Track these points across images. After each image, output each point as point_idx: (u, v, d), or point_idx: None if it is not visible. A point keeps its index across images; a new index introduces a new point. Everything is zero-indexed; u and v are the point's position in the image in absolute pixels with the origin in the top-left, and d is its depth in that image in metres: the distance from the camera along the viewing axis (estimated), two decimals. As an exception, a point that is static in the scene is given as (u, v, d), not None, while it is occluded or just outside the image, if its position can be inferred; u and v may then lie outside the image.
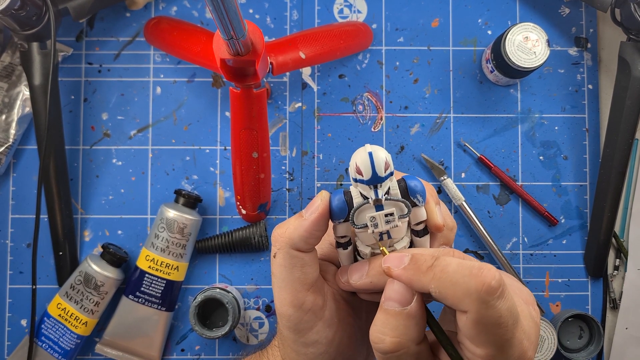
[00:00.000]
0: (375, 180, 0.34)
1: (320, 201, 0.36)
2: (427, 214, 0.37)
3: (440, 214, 0.38)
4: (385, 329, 0.33)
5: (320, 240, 0.37)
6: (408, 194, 0.35)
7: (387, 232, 0.36)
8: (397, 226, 0.35)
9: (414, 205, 0.36)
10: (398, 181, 0.36)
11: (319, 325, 0.39)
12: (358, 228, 0.36)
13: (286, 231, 0.37)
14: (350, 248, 0.38)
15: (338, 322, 0.40)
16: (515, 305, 0.32)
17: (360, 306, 0.43)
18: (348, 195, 0.36)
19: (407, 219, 0.36)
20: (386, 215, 0.35)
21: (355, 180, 0.34)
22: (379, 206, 0.35)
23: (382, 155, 0.33)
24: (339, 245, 0.38)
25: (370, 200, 0.34)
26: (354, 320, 0.42)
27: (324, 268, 0.41)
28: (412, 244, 0.38)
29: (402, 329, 0.33)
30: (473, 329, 0.31)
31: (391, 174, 0.35)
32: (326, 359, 0.40)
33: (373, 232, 0.35)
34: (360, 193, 0.35)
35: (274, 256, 0.37)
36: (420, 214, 0.36)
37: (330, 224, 0.38)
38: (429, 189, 0.40)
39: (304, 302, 0.37)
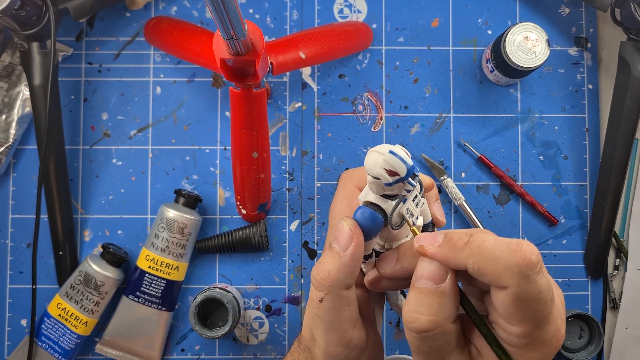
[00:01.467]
0: (411, 171, 0.33)
1: (350, 230, 0.34)
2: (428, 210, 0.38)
3: (440, 210, 0.39)
4: (420, 308, 0.33)
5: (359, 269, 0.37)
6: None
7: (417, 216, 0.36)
8: (424, 203, 0.35)
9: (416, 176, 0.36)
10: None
11: (362, 357, 0.38)
12: (397, 228, 0.35)
13: (330, 274, 0.35)
14: (374, 256, 0.38)
15: (378, 349, 0.40)
16: (551, 282, 0.32)
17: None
18: (376, 206, 0.34)
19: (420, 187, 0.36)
20: (414, 200, 0.35)
21: (390, 184, 0.33)
22: (403, 198, 0.34)
23: (399, 147, 0.33)
24: (366, 257, 0.38)
25: (416, 190, 0.34)
26: (382, 344, 0.42)
27: (357, 280, 0.41)
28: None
29: (437, 307, 0.32)
30: (512, 305, 0.31)
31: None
32: None
33: (414, 223, 0.35)
34: (386, 196, 0.34)
35: (320, 301, 0.36)
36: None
37: None
38: (431, 183, 0.41)
39: (351, 340, 0.37)
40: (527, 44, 0.62)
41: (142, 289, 0.65)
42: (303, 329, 0.40)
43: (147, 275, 0.64)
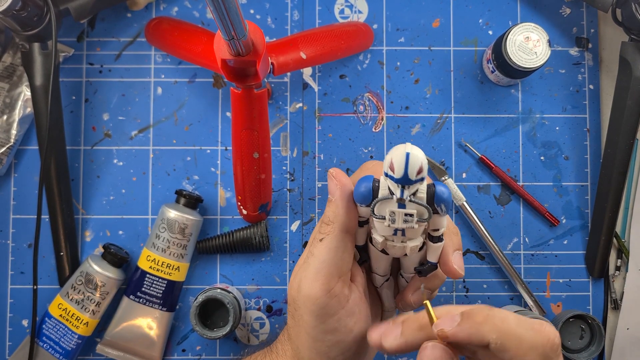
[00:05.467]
0: (404, 182, 0.34)
1: (332, 177, 0.39)
2: (444, 256, 0.39)
3: (458, 262, 0.39)
4: None
5: (357, 219, 0.40)
6: (433, 200, 0.36)
7: (403, 230, 0.37)
8: (413, 227, 0.36)
9: (436, 212, 0.36)
10: (428, 185, 0.36)
11: (340, 313, 0.40)
12: (376, 218, 0.37)
13: (328, 217, 0.39)
14: (366, 227, 0.40)
15: (358, 313, 0.41)
16: None
17: (377, 307, 0.45)
18: (376, 183, 0.37)
19: (425, 223, 0.37)
20: (405, 215, 0.36)
21: (386, 175, 0.35)
22: (401, 204, 0.35)
23: (418, 159, 0.34)
24: (361, 224, 0.40)
25: (394, 197, 0.35)
26: (370, 318, 0.43)
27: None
28: (423, 247, 0.40)
29: None
30: None
31: (422, 179, 0.35)
32: (342, 348, 0.41)
33: (389, 225, 0.36)
34: (389, 186, 0.36)
35: (321, 240, 0.39)
36: (439, 222, 0.37)
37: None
38: (455, 231, 0.41)
39: (333, 288, 0.39)
40: (528, 44, 0.62)
41: (143, 289, 0.65)
42: (290, 280, 0.42)
43: (148, 275, 0.64)
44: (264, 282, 0.68)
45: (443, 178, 0.68)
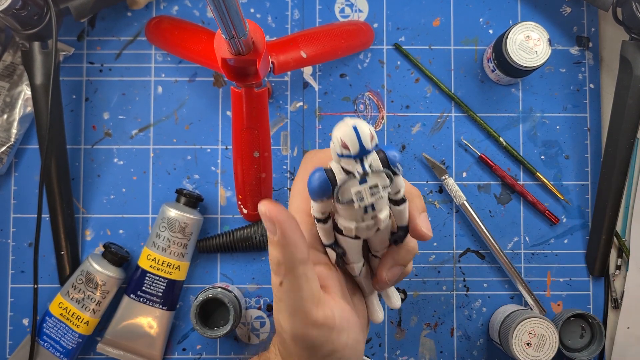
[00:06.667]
0: (362, 153, 0.33)
1: (267, 213, 0.35)
2: (411, 221, 0.38)
3: (425, 223, 0.38)
4: None
5: (306, 244, 0.37)
6: (388, 164, 0.35)
7: (372, 205, 0.35)
8: (381, 197, 0.35)
9: (395, 174, 0.35)
10: (377, 152, 0.35)
11: (332, 336, 0.38)
12: (344, 204, 0.35)
13: (277, 258, 0.36)
14: (330, 222, 0.38)
15: (348, 325, 0.39)
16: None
17: (360, 294, 0.43)
18: (330, 172, 0.35)
19: (389, 188, 0.36)
20: (371, 188, 0.35)
21: (341, 156, 0.34)
22: (362, 180, 0.34)
23: (366, 127, 0.33)
24: (318, 220, 0.38)
25: (357, 174, 0.34)
26: (359, 320, 0.41)
27: (315, 258, 0.40)
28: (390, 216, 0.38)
29: None
30: None
31: (377, 145, 0.34)
32: (341, 359, 0.39)
33: (359, 206, 0.35)
34: (343, 168, 0.34)
35: (280, 284, 0.36)
36: (399, 183, 0.36)
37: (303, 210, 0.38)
38: (416, 193, 0.40)
39: (317, 319, 0.37)
40: (529, 43, 0.62)
41: (144, 288, 0.65)
42: (273, 314, 0.40)
43: (148, 274, 0.64)
44: (264, 281, 0.68)
45: (443, 177, 0.68)
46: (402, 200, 0.37)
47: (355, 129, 0.33)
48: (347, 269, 0.42)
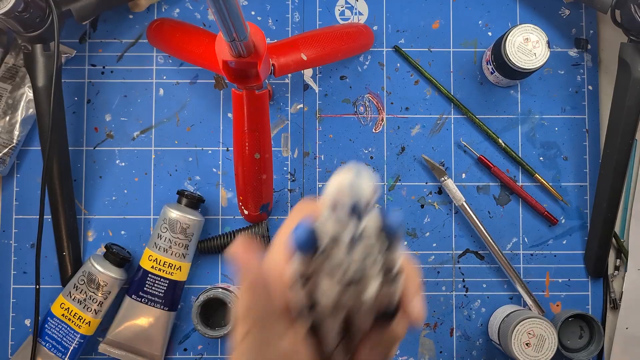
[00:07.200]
0: (356, 213, 0.28)
1: (236, 259, 0.30)
2: (403, 302, 0.32)
3: (419, 306, 0.32)
4: None
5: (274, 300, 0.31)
6: (386, 230, 0.29)
7: (358, 277, 0.30)
8: (371, 269, 0.30)
9: (392, 244, 0.30)
10: (375, 214, 0.29)
11: None
12: (326, 269, 0.30)
13: (251, 307, 0.30)
14: (308, 285, 0.31)
15: None
16: None
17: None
18: (318, 228, 0.29)
19: (382, 258, 0.30)
20: (360, 256, 0.29)
21: (333, 211, 0.29)
22: (351, 244, 0.29)
23: (367, 183, 0.28)
24: (295, 281, 0.31)
25: (346, 237, 0.29)
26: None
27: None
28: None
29: None
30: None
31: (376, 202, 0.31)
32: None
33: (342, 276, 0.29)
34: (334, 225, 0.29)
35: (242, 339, 0.31)
36: (395, 255, 0.30)
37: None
38: (414, 269, 0.34)
39: None
40: (528, 45, 0.63)
41: (145, 289, 0.65)
42: None
43: (150, 275, 0.65)
44: (265, 282, 0.69)
45: (443, 178, 0.68)
46: (396, 276, 0.31)
47: (353, 183, 0.28)
48: (319, 345, 0.34)
